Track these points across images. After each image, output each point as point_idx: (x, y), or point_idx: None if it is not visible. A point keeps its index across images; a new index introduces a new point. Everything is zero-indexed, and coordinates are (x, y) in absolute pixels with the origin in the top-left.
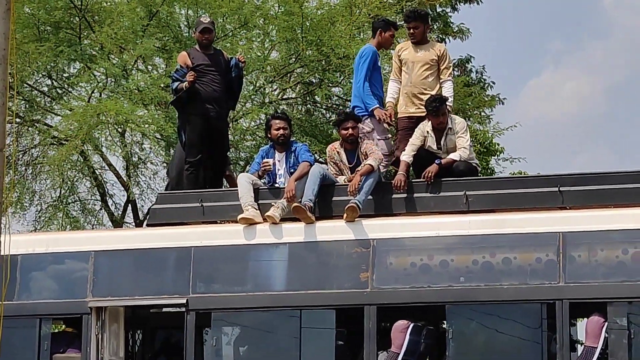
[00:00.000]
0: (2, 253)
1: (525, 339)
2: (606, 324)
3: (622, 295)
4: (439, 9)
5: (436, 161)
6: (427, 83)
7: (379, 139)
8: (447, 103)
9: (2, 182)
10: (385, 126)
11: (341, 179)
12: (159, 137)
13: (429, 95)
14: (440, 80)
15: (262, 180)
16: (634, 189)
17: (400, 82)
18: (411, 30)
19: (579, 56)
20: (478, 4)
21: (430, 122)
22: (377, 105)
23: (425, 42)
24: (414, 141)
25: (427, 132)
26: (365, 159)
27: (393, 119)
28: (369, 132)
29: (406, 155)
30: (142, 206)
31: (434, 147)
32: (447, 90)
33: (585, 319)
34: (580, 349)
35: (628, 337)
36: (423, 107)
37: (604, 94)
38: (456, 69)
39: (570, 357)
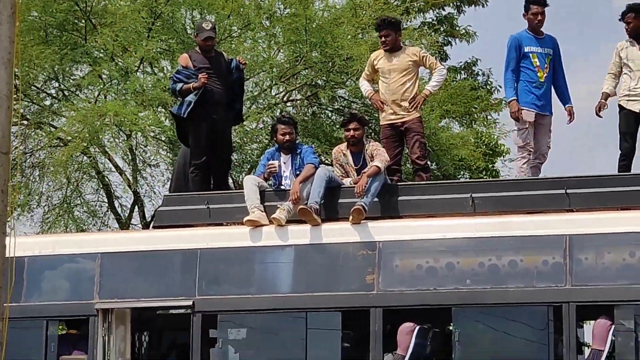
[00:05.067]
0: (7, 255)
1: (532, 342)
2: (613, 326)
3: (629, 298)
4: (444, 12)
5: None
6: (404, 89)
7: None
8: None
9: (7, 185)
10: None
11: (347, 181)
12: (164, 139)
13: (407, 102)
14: (433, 71)
15: (268, 183)
16: None
17: (368, 82)
18: (382, 39)
19: (592, 59)
20: (483, 6)
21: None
22: (514, 98)
23: (399, 49)
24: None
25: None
26: (372, 160)
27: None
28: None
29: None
30: (147, 206)
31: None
32: (438, 74)
33: (592, 322)
34: (587, 351)
35: (635, 340)
36: (403, 114)
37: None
38: (462, 72)
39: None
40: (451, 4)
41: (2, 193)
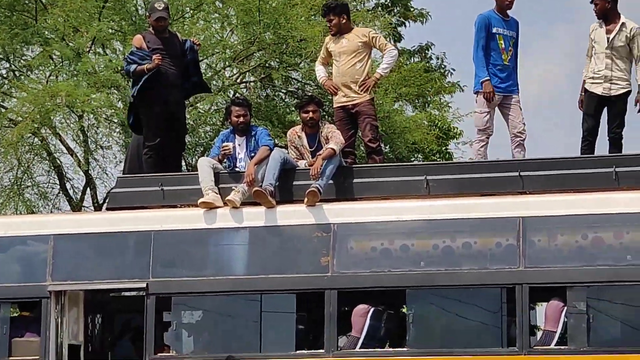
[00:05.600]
0: None
1: (485, 324)
2: (565, 308)
3: (582, 279)
4: None
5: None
6: (355, 71)
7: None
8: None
9: None
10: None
11: (302, 163)
12: (116, 121)
13: (357, 84)
14: (384, 52)
15: (223, 165)
16: (593, 174)
17: (323, 64)
18: (328, 24)
19: (546, 42)
20: None
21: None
22: (487, 78)
23: (347, 32)
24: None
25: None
26: (327, 142)
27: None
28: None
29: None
30: (99, 188)
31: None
32: (388, 55)
33: (545, 304)
34: (539, 333)
35: (587, 322)
36: (354, 97)
37: (567, 79)
38: (416, 55)
39: (530, 341)
40: None
41: None
